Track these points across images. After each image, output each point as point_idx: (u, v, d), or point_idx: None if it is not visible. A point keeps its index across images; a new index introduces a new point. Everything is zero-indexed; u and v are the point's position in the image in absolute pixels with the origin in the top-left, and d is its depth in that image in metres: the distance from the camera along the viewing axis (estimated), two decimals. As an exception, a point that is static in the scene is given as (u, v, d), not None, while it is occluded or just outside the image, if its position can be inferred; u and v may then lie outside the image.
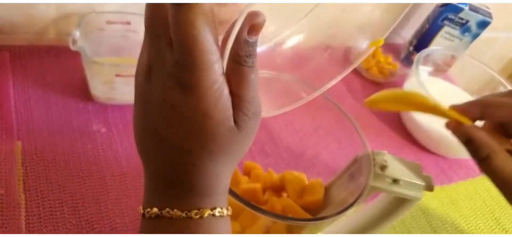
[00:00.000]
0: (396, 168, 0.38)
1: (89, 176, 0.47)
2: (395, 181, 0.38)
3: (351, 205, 0.36)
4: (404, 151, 0.70)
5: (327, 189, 0.44)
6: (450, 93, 0.77)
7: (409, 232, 0.59)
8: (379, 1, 0.32)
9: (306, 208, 0.43)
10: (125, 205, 0.47)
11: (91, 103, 0.54)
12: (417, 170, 0.39)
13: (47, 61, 0.56)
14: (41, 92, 0.53)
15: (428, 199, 0.65)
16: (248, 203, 0.32)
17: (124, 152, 0.51)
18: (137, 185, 0.50)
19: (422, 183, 0.38)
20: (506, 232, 0.65)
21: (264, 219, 0.39)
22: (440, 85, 0.77)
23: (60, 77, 0.56)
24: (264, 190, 0.46)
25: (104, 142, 0.51)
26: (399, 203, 0.41)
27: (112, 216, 0.45)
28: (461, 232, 0.62)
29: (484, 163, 0.32)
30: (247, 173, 0.49)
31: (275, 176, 0.48)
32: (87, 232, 0.43)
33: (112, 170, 0.49)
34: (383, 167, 0.37)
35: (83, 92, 0.54)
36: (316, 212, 0.43)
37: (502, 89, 0.74)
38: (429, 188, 0.39)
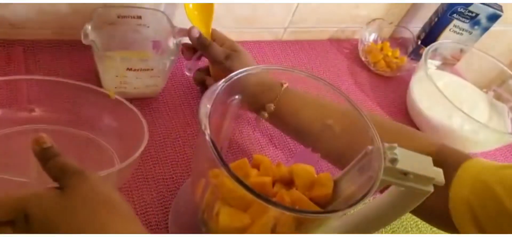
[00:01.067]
0: (406, 161, 0.38)
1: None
2: (405, 174, 0.38)
3: (362, 198, 0.36)
4: (412, 144, 0.70)
5: (336, 183, 0.44)
6: (457, 87, 0.77)
7: (416, 225, 0.60)
8: None
9: (316, 201, 0.43)
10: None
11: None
12: (427, 164, 0.39)
13: (60, 55, 0.57)
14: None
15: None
16: (258, 194, 0.32)
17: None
18: (147, 179, 0.51)
19: (432, 177, 0.39)
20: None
21: (274, 211, 0.39)
22: (448, 79, 0.77)
23: (72, 71, 0.56)
24: (274, 183, 0.46)
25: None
26: (409, 196, 0.41)
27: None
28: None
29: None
30: (257, 165, 0.49)
31: (284, 169, 0.48)
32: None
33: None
34: (393, 160, 0.37)
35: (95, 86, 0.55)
36: (325, 205, 0.43)
37: (511, 82, 0.74)
38: (440, 181, 0.39)
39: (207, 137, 0.33)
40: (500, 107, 0.75)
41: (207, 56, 0.55)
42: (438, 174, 0.40)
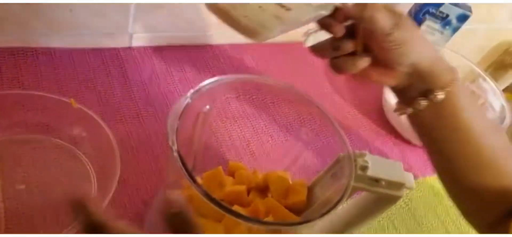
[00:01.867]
0: (377, 168, 0.39)
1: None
2: (376, 180, 0.39)
3: (334, 206, 0.36)
4: (387, 143, 0.71)
5: (310, 189, 0.44)
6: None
7: (392, 223, 0.61)
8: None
9: (290, 208, 0.43)
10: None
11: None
12: (398, 169, 0.40)
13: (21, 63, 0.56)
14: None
15: (411, 190, 0.66)
16: (227, 209, 0.32)
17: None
18: (120, 189, 0.50)
19: (403, 182, 0.39)
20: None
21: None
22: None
23: (34, 81, 0.55)
24: (249, 191, 0.46)
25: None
26: (381, 201, 0.41)
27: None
28: (443, 222, 0.64)
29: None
30: (232, 173, 0.49)
31: (260, 176, 0.48)
32: None
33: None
34: (364, 168, 0.38)
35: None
36: (300, 212, 0.44)
37: (481, 80, 0.76)
38: (410, 186, 0.40)
39: (175, 153, 0.33)
40: (471, 105, 0.76)
41: (369, 25, 0.38)
42: (408, 179, 0.40)
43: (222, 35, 0.71)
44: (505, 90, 1.03)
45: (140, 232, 0.27)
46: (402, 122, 0.70)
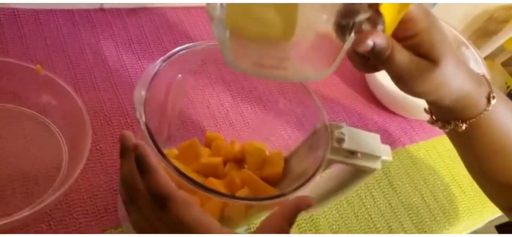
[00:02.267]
0: (353, 140, 0.38)
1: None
2: (353, 153, 0.38)
3: (309, 179, 0.36)
4: (368, 112, 0.71)
5: (287, 160, 0.43)
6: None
7: (370, 192, 0.61)
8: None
9: (266, 180, 0.42)
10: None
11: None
12: (375, 141, 0.39)
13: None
14: None
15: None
16: (198, 184, 0.31)
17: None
18: (92, 159, 0.48)
19: (379, 155, 0.38)
20: (461, 189, 0.68)
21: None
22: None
23: None
24: (225, 162, 0.45)
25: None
26: (358, 173, 0.41)
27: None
28: (420, 191, 0.64)
29: (388, 62, 0.33)
30: (209, 144, 0.48)
31: (237, 147, 0.47)
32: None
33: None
34: (340, 140, 0.37)
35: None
36: (276, 183, 0.43)
37: (464, 48, 0.75)
38: (386, 158, 0.39)
39: (142, 126, 0.31)
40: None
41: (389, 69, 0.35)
42: (385, 152, 0.40)
43: (201, -3, 0.68)
44: (487, 57, 1.03)
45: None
46: (383, 91, 0.70)
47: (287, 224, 0.32)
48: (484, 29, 0.97)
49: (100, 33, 0.59)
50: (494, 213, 0.67)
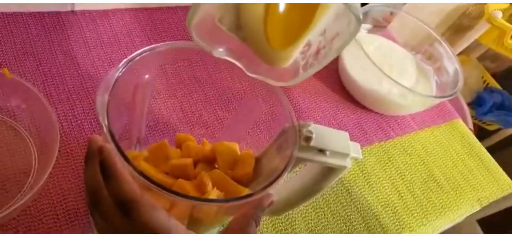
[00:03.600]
0: (321, 138, 0.38)
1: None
2: (322, 151, 0.38)
3: (276, 178, 0.36)
4: (343, 108, 0.71)
5: (257, 160, 0.43)
6: (387, 50, 0.78)
7: (347, 189, 0.61)
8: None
9: (237, 180, 0.42)
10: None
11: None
12: (343, 139, 0.39)
13: None
14: None
15: (366, 156, 0.67)
16: (163, 187, 0.31)
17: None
18: (61, 159, 0.47)
19: (348, 152, 0.39)
20: (438, 184, 0.68)
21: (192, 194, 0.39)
22: (379, 43, 0.78)
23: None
24: (196, 163, 0.45)
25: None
26: (328, 171, 0.41)
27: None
28: (396, 187, 0.65)
29: None
30: (179, 145, 0.48)
31: (208, 147, 0.47)
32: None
33: (35, 149, 0.46)
34: (307, 138, 0.37)
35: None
36: (247, 183, 0.43)
37: (437, 45, 0.76)
38: (356, 156, 0.40)
39: (105, 129, 0.31)
40: (427, 70, 0.77)
41: None
42: (354, 149, 0.40)
43: (175, -2, 0.68)
44: (462, 52, 1.05)
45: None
46: (356, 86, 0.70)
47: (252, 223, 0.32)
48: (458, 25, 0.98)
49: (71, 36, 0.58)
50: (471, 207, 0.68)
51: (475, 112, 1.44)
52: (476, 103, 1.44)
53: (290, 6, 0.32)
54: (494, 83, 1.46)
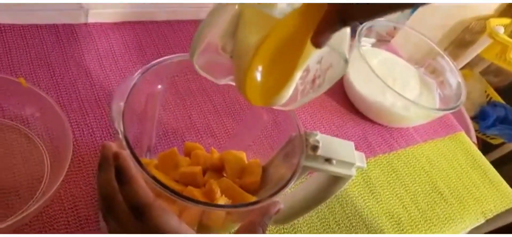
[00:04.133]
0: (328, 147, 0.39)
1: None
2: (328, 160, 0.39)
3: (284, 186, 0.37)
4: (348, 120, 0.72)
5: (264, 169, 0.44)
6: (391, 64, 0.79)
7: (351, 200, 0.62)
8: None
9: (245, 188, 0.43)
10: (63, 193, 0.46)
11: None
12: (349, 149, 0.41)
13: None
14: None
15: (370, 168, 0.68)
16: (175, 193, 0.32)
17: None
18: (74, 169, 0.49)
19: (353, 162, 0.40)
20: (442, 196, 0.69)
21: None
22: (383, 56, 0.79)
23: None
24: (205, 171, 0.46)
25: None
26: (334, 180, 0.42)
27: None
28: (401, 199, 0.66)
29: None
30: (188, 153, 0.49)
31: (216, 156, 0.48)
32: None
33: (48, 156, 0.48)
34: (314, 148, 0.38)
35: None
36: (255, 192, 0.44)
37: (439, 58, 0.77)
38: (361, 165, 0.41)
39: (121, 135, 0.32)
40: (430, 83, 0.78)
41: None
42: (360, 159, 0.41)
43: (184, 11, 0.70)
44: (466, 67, 1.06)
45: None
46: (361, 99, 0.71)
47: (259, 230, 0.33)
48: (461, 39, 1.00)
49: (84, 47, 0.60)
50: (475, 220, 0.69)
51: (479, 126, 1.44)
52: (479, 117, 1.45)
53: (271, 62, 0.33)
54: (497, 98, 1.47)
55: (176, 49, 0.66)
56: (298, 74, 0.33)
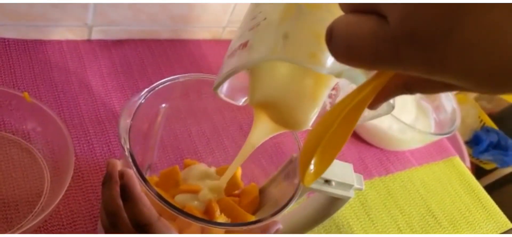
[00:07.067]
0: (328, 169, 0.40)
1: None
2: (327, 181, 0.40)
3: (284, 206, 0.37)
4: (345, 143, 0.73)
5: (265, 188, 0.45)
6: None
7: (347, 222, 0.63)
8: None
9: (245, 208, 0.44)
10: (63, 208, 0.46)
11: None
12: (347, 170, 0.41)
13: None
14: None
15: (366, 190, 0.68)
16: (178, 210, 0.32)
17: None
18: (73, 186, 0.49)
19: (352, 183, 0.40)
20: (436, 220, 0.70)
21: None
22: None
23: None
24: (204, 189, 0.47)
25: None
26: (332, 201, 0.43)
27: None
28: (396, 221, 0.66)
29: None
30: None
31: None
32: None
33: (49, 171, 0.48)
34: (314, 169, 0.39)
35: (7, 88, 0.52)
36: (255, 211, 0.44)
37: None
38: (359, 187, 0.41)
39: (126, 152, 0.33)
40: (426, 108, 0.80)
41: None
42: (358, 180, 0.42)
43: (185, 30, 0.71)
44: (460, 92, 1.08)
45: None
46: (359, 123, 0.72)
47: None
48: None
49: (87, 63, 0.61)
50: (468, 244, 0.70)
51: (472, 151, 1.46)
52: (473, 142, 1.47)
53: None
54: (490, 123, 1.49)
55: (177, 67, 0.67)
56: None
